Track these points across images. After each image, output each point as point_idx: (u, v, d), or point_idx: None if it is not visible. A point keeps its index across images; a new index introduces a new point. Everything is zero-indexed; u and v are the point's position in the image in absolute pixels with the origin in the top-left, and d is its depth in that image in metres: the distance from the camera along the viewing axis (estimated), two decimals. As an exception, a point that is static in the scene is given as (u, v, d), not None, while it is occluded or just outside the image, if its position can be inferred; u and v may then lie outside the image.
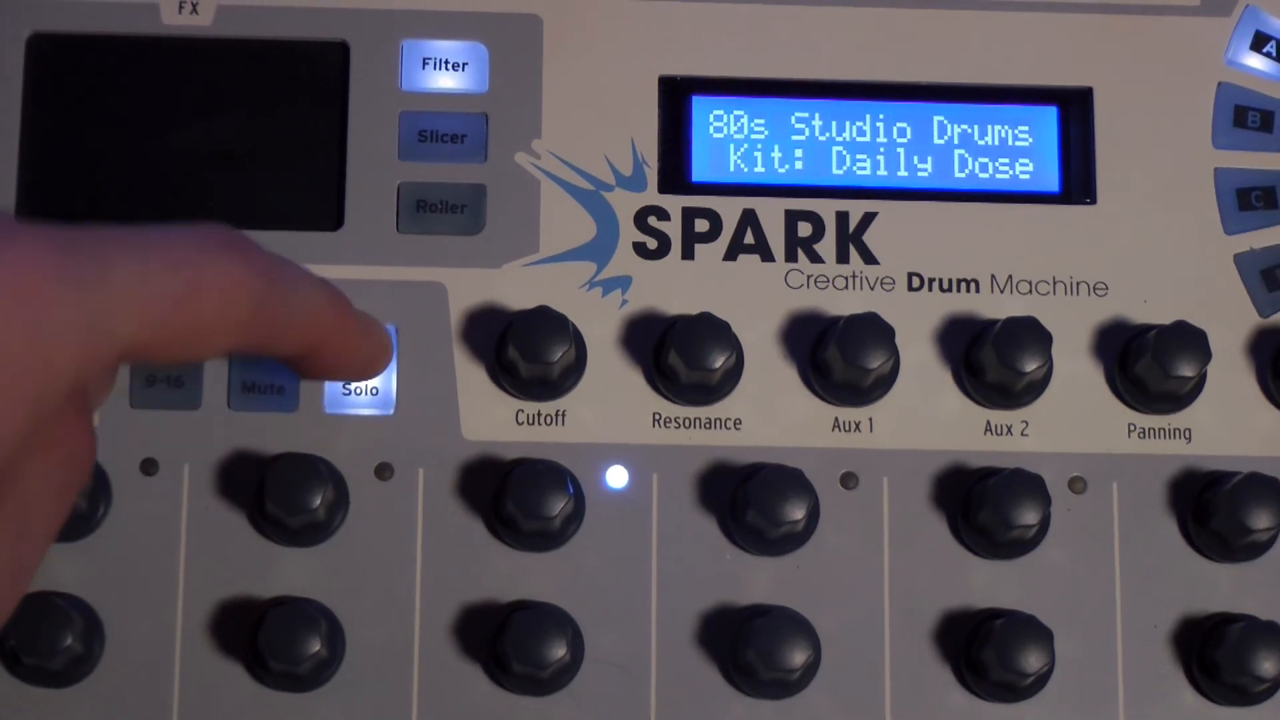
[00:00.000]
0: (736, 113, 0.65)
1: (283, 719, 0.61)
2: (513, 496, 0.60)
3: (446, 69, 0.65)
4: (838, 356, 0.61)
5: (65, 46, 0.64)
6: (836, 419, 0.63)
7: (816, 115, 0.65)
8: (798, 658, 0.59)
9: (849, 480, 0.63)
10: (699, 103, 0.65)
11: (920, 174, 0.65)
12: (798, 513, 0.60)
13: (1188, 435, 0.64)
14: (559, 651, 0.59)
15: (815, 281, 0.64)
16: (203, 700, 0.61)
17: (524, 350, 0.61)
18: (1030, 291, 0.64)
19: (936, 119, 0.66)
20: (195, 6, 0.65)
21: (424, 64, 0.65)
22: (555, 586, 0.62)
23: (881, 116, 0.66)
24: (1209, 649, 0.61)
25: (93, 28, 0.64)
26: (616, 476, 0.63)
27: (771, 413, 0.64)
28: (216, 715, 0.61)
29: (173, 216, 0.60)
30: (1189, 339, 0.61)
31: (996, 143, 0.65)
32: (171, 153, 0.65)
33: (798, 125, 0.65)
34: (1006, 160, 0.65)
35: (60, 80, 0.64)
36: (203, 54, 0.65)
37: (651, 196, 0.64)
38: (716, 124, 0.65)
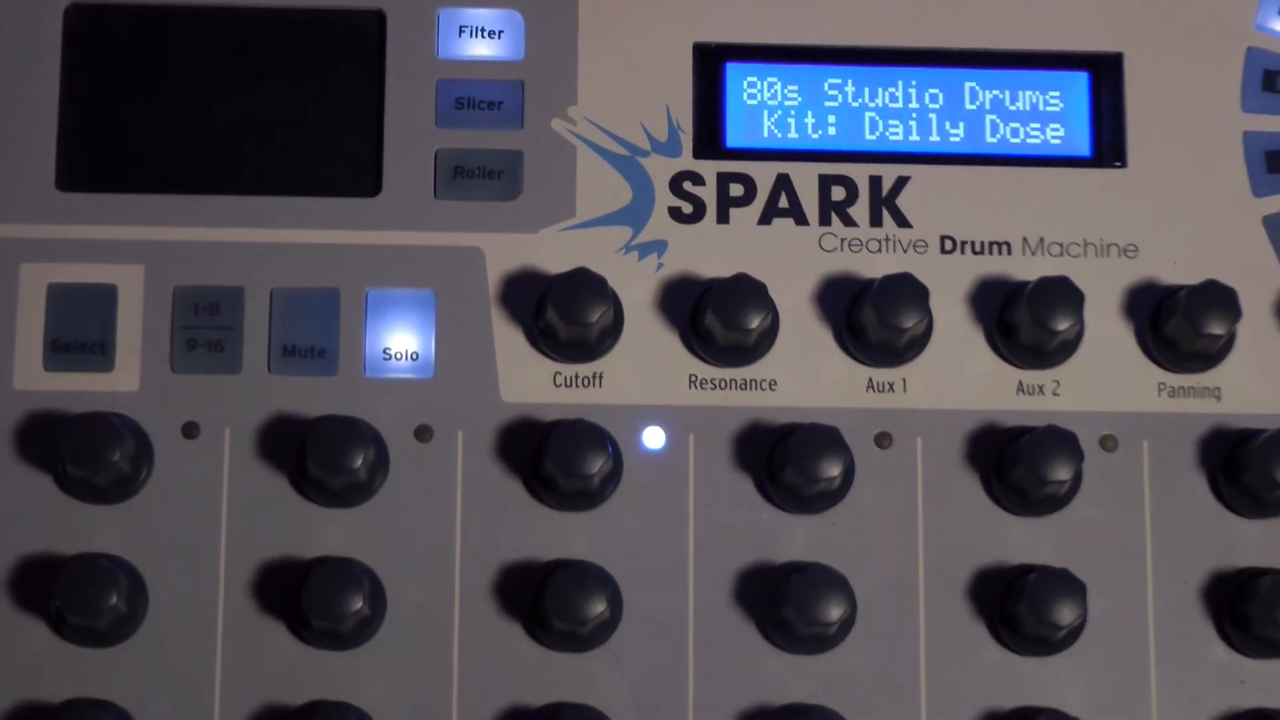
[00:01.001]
0: (770, 79, 0.66)
1: (325, 677, 0.61)
2: (552, 457, 0.61)
3: (483, 36, 0.65)
4: (873, 317, 0.62)
5: (103, 17, 0.65)
6: (871, 379, 0.64)
7: (849, 81, 0.66)
8: (834, 613, 0.60)
9: (883, 440, 0.63)
10: (733, 69, 0.66)
11: (953, 139, 0.66)
12: (833, 470, 0.61)
13: (1218, 394, 0.64)
14: (599, 608, 0.60)
15: (849, 245, 0.65)
16: (245, 659, 0.61)
17: (563, 312, 0.62)
18: (1061, 254, 0.65)
19: (968, 85, 0.66)
20: None
21: (460, 32, 0.65)
22: (594, 545, 0.62)
23: (914, 82, 0.66)
24: (1239, 603, 0.62)
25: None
26: (653, 437, 0.63)
27: (807, 374, 0.64)
28: (259, 673, 0.61)
29: (211, 185, 0.63)
30: (1219, 298, 0.62)
31: (1028, 108, 0.66)
32: (210, 121, 0.65)
33: (831, 91, 0.66)
34: (1038, 125, 0.66)
35: (98, 50, 0.65)
36: (240, 23, 0.65)
37: (687, 162, 0.65)
38: (750, 90, 0.66)
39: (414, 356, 0.64)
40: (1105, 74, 0.67)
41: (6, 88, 0.65)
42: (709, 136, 0.65)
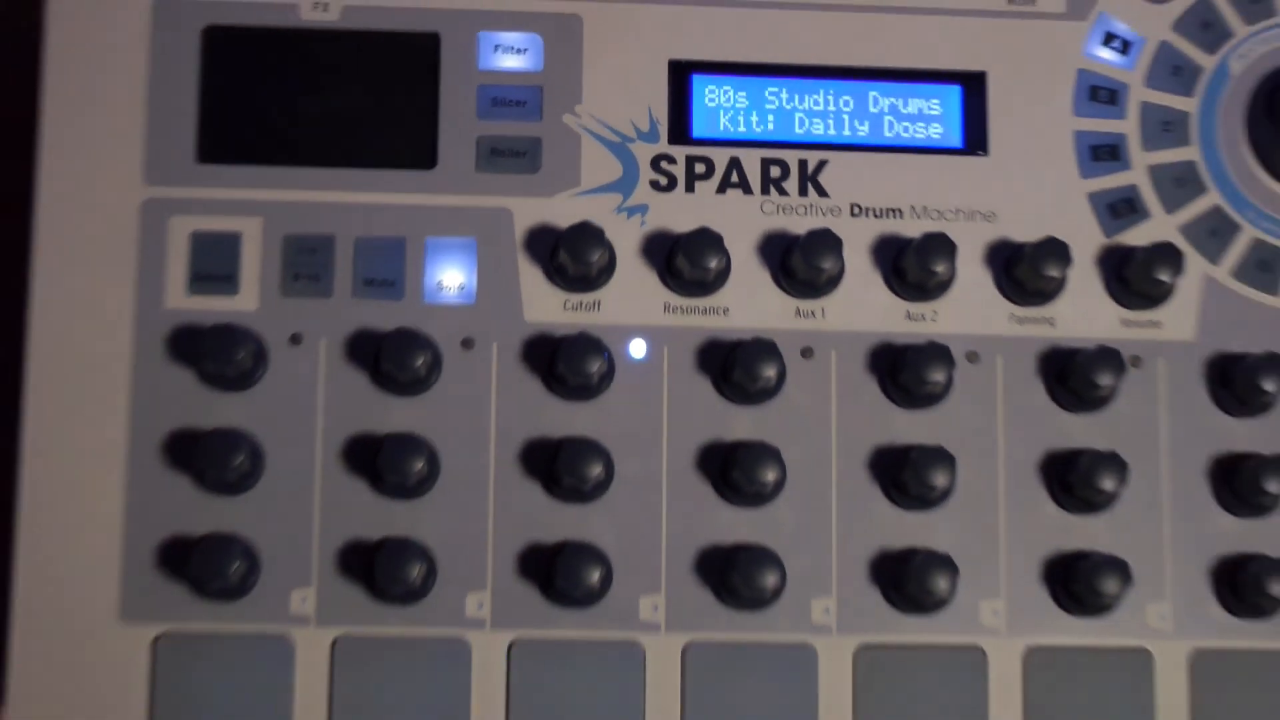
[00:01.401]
0: (725, 87, 0.73)
1: (394, 520, 0.69)
2: (563, 361, 0.67)
3: (512, 52, 0.72)
4: (801, 262, 0.69)
5: (231, 34, 0.71)
6: (798, 308, 0.71)
7: (783, 90, 0.73)
8: (770, 476, 0.68)
9: (807, 352, 0.71)
10: (698, 79, 0.72)
11: (860, 133, 0.73)
12: (770, 373, 0.68)
13: (1053, 322, 0.72)
14: (596, 470, 0.67)
15: (782, 209, 0.72)
16: (336, 506, 0.69)
17: (571, 254, 0.68)
18: (939, 218, 0.72)
19: (871, 93, 0.73)
20: (326, 5, 0.72)
21: (495, 49, 0.71)
22: (593, 426, 0.69)
23: (832, 91, 0.73)
24: (1066, 474, 0.70)
25: (250, 22, 0.72)
26: (638, 348, 0.70)
27: (750, 303, 0.71)
28: (346, 517, 0.69)
29: (311, 159, 0.71)
30: (1055, 249, 0.69)
31: (916, 111, 0.73)
32: (311, 112, 0.72)
33: (770, 97, 0.72)
34: (923, 124, 0.73)
35: (227, 59, 0.72)
36: (335, 39, 0.72)
37: (663, 147, 0.72)
38: (710, 95, 0.72)
39: (460, 287, 0.70)
40: (973, 87, 0.73)
41: (158, 88, 0.71)
42: (679, 129, 0.72)
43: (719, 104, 0.73)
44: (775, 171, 0.72)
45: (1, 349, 0.70)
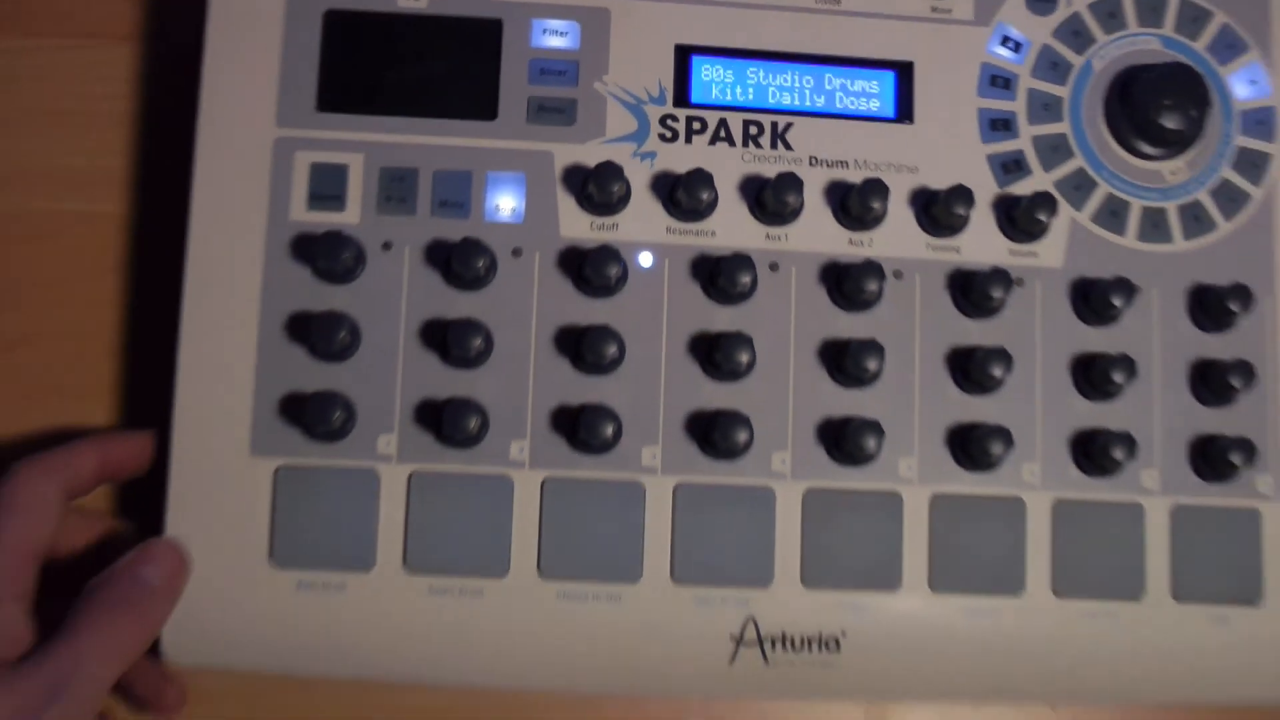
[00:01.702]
0: (717, 66, 0.69)
1: (458, 383, 0.65)
2: (589, 266, 0.65)
3: (556, 35, 0.69)
4: (771, 197, 0.66)
5: (345, 18, 0.69)
6: (768, 233, 0.68)
7: (761, 69, 0.69)
8: (744, 358, 0.65)
9: (774, 266, 0.67)
10: (696, 60, 0.69)
11: (818, 104, 0.69)
12: (746, 280, 0.65)
13: (959, 250, 0.68)
14: (612, 349, 0.64)
15: (759, 159, 0.68)
16: (413, 372, 0.66)
17: (597, 186, 0.65)
18: (876, 169, 0.69)
19: (827, 75, 0.70)
20: None
21: (544, 32, 0.69)
22: (610, 317, 0.66)
23: (797, 72, 0.70)
24: (966, 364, 0.66)
25: (360, 8, 0.69)
26: (645, 259, 0.67)
27: (732, 228, 0.67)
28: (422, 381, 0.66)
29: (401, 111, 0.68)
30: (963, 194, 0.67)
31: (860, 89, 0.70)
32: (402, 77, 0.69)
33: (750, 74, 0.69)
34: (865, 99, 0.69)
35: (342, 36, 0.69)
36: (421, 24, 0.69)
37: (669, 109, 0.68)
38: (705, 72, 0.69)
39: (513, 210, 0.67)
40: (903, 73, 0.70)
41: (289, 56, 0.68)
42: (682, 95, 0.68)
43: (712, 78, 0.69)
44: (753, 130, 0.69)
45: (168, 251, 0.67)
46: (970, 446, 0.65)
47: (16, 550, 0.58)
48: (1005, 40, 0.71)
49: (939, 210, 0.67)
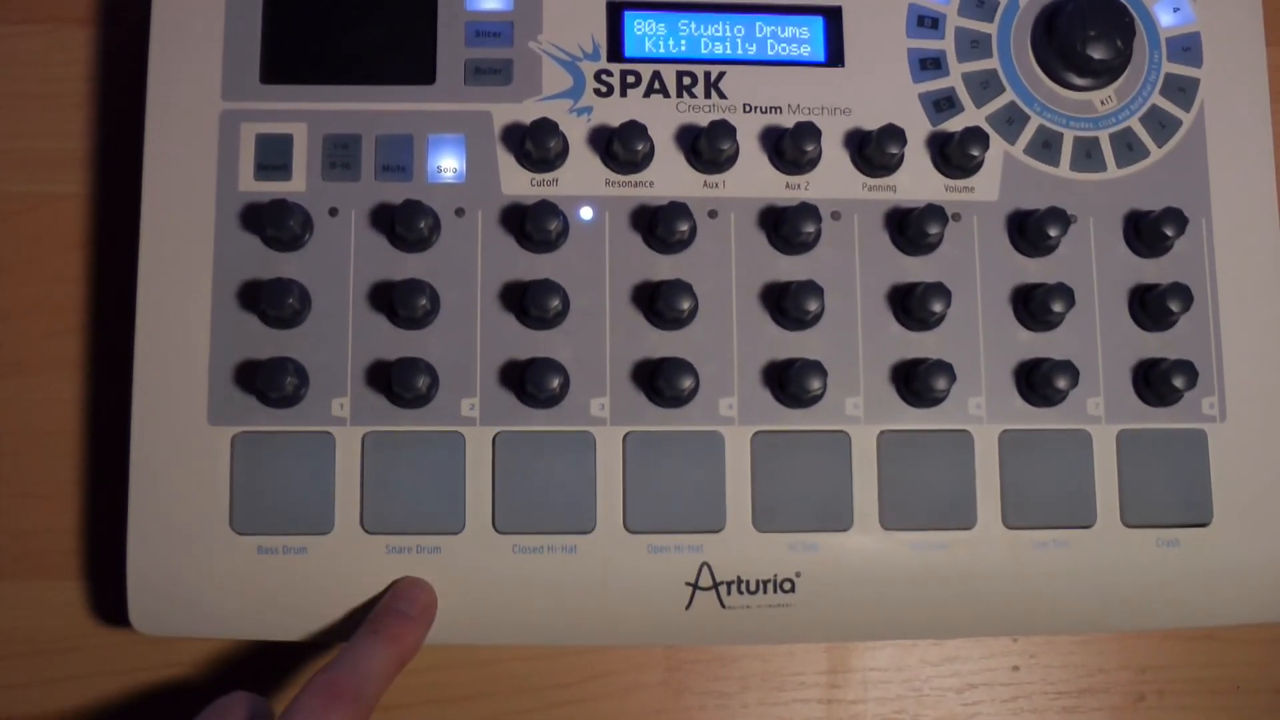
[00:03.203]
0: (649, 20, 0.69)
1: (407, 344, 0.65)
2: (530, 221, 0.64)
3: None
4: (706, 145, 0.65)
5: None
6: (705, 180, 0.67)
7: (693, 21, 0.69)
8: (686, 305, 0.64)
9: (713, 214, 0.67)
10: (628, 14, 0.69)
11: (749, 52, 0.68)
12: (684, 228, 0.65)
13: (894, 189, 0.68)
14: (555, 303, 0.64)
15: (693, 109, 0.68)
16: (364, 336, 0.66)
17: (535, 143, 0.65)
18: (809, 113, 0.68)
19: (758, 23, 0.69)
20: None
21: None
22: (553, 271, 0.66)
23: (728, 22, 0.69)
24: (906, 301, 0.66)
25: None
26: (586, 212, 0.67)
27: (669, 178, 0.67)
28: (370, 343, 0.65)
29: (341, 79, 0.67)
30: (895, 133, 0.66)
31: (790, 36, 0.69)
32: (341, 45, 0.69)
33: (682, 26, 0.69)
34: (796, 45, 0.69)
35: (282, 9, 0.69)
36: None
37: (603, 64, 0.68)
38: (638, 26, 0.69)
39: (454, 170, 0.67)
40: (832, 17, 0.69)
41: (232, 30, 0.68)
42: (615, 50, 0.68)
43: (645, 33, 0.69)
44: (687, 80, 0.68)
45: (130, 228, 0.67)
46: (915, 382, 0.65)
47: None
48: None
49: (873, 150, 0.66)
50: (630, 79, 0.68)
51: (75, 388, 0.72)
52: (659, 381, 0.64)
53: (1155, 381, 0.67)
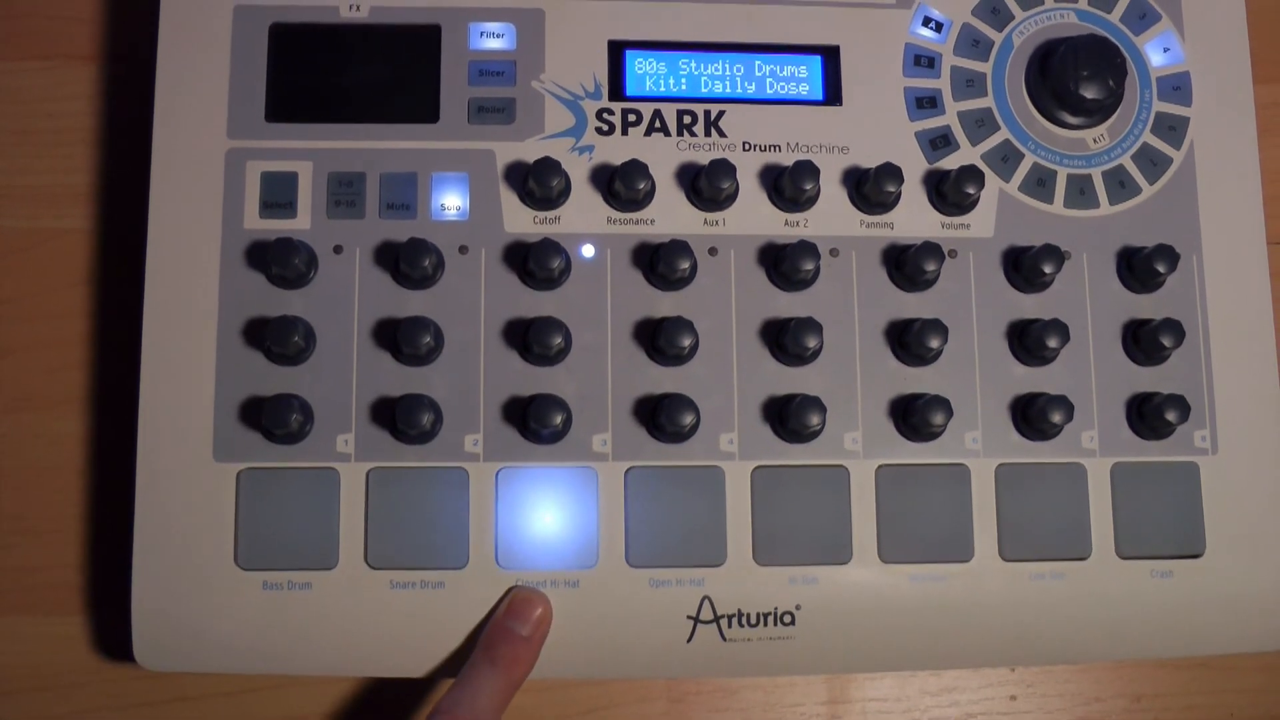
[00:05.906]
0: (650, 59, 0.68)
1: (411, 380, 0.64)
2: (533, 260, 0.64)
3: (493, 37, 0.68)
4: (707, 183, 0.65)
5: (290, 30, 0.68)
6: (705, 218, 0.67)
7: (693, 60, 0.68)
8: (687, 342, 0.64)
9: (713, 250, 0.66)
10: (629, 54, 0.68)
11: (749, 91, 0.68)
12: (685, 265, 0.64)
13: (892, 226, 0.67)
14: (558, 341, 0.63)
15: (693, 147, 0.67)
16: (368, 372, 0.65)
17: (538, 181, 0.64)
18: (807, 151, 0.68)
19: (756, 62, 0.69)
20: (358, 6, 0.68)
21: (481, 35, 0.68)
22: (555, 308, 0.65)
23: (727, 61, 0.69)
24: (904, 337, 0.66)
25: (303, 20, 0.68)
26: (588, 250, 0.66)
27: (670, 216, 0.67)
28: (376, 380, 0.65)
29: (347, 118, 0.67)
30: (892, 171, 0.66)
31: (789, 75, 0.68)
32: (347, 85, 0.67)
33: (683, 65, 0.68)
34: (794, 83, 0.68)
35: (287, 48, 0.68)
36: (363, 32, 0.68)
37: (605, 103, 0.67)
38: (639, 65, 0.68)
39: (458, 208, 0.66)
40: (830, 56, 0.69)
41: (238, 70, 0.67)
42: (616, 89, 0.67)
43: (645, 71, 0.69)
44: (687, 119, 0.68)
45: (135, 264, 0.67)
46: (912, 417, 0.64)
47: None
48: (927, 21, 0.71)
49: (870, 188, 0.66)
50: (631, 118, 0.68)
51: (79, 423, 0.71)
52: (660, 417, 0.63)
53: (1148, 415, 0.66)
